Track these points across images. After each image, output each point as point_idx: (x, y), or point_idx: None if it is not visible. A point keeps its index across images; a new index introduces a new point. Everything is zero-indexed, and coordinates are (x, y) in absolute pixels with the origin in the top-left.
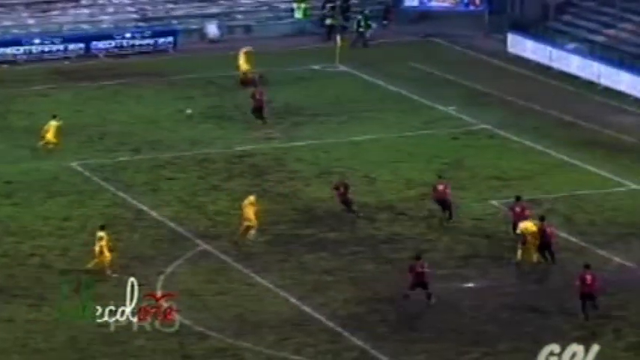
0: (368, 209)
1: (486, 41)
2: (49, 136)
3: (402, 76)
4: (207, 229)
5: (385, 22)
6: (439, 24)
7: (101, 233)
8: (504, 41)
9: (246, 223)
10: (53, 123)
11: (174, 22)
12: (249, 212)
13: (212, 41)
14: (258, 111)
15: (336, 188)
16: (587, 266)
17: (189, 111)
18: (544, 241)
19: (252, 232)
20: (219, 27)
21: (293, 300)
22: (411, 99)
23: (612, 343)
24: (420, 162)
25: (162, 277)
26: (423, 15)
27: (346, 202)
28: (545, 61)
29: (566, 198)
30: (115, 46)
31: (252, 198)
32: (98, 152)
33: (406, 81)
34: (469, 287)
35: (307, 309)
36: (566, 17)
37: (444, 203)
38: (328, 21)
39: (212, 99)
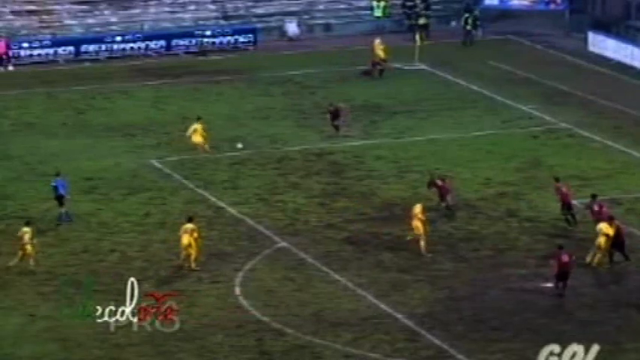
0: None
1: (567, 40)
2: (198, 138)
3: (481, 74)
4: (286, 226)
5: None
6: (519, 23)
7: (191, 225)
8: (585, 40)
9: (421, 240)
10: (197, 126)
11: (255, 20)
12: (417, 222)
13: (291, 39)
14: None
15: (435, 184)
16: None
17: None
18: (619, 240)
19: (422, 243)
20: (299, 25)
21: (370, 298)
22: (490, 97)
23: None
24: (499, 161)
25: (240, 274)
26: (503, 14)
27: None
28: (626, 60)
29: None
30: (196, 44)
31: (419, 208)
32: (178, 149)
33: (485, 80)
34: (548, 287)
35: (384, 307)
36: None
37: (570, 206)
38: (422, 20)
39: (291, 97)
